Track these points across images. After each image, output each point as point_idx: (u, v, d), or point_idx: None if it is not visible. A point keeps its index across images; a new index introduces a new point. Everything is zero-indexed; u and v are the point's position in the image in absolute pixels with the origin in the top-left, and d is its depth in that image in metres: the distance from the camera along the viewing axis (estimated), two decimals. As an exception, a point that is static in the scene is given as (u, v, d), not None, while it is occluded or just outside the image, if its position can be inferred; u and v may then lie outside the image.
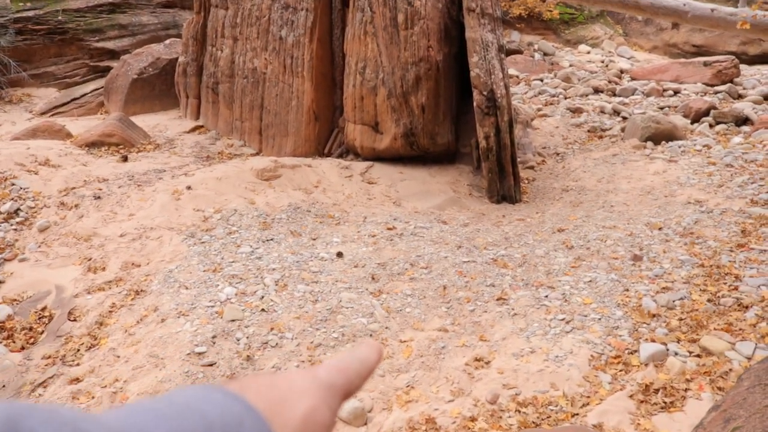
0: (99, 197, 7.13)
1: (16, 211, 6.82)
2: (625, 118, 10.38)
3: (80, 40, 12.01)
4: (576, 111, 10.84)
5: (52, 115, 11.01)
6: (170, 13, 12.54)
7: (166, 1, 12.66)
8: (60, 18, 11.94)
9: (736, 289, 5.03)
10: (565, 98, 11.68)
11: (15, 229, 6.57)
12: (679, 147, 8.85)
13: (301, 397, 0.52)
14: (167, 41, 11.14)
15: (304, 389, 0.53)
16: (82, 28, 12.00)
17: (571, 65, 13.73)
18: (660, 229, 6.26)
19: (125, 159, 8.46)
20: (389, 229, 6.47)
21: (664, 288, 5.13)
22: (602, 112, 10.81)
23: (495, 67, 7.52)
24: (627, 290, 5.13)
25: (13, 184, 7.34)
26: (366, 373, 0.60)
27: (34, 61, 11.96)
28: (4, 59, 11.20)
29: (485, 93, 7.42)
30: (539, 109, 11.07)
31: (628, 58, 14.94)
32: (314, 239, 6.22)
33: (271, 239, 6.14)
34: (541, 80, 12.67)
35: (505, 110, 7.50)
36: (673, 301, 4.90)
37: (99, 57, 12.06)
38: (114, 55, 11.88)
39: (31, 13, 11.87)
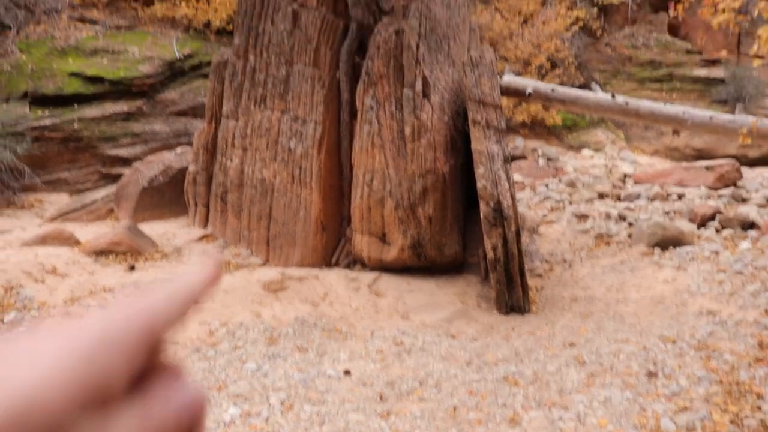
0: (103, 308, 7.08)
1: (20, 322, 6.77)
2: (631, 224, 10.41)
3: (94, 148, 12.28)
4: (582, 217, 10.90)
5: (63, 221, 11.10)
6: (182, 121, 12.86)
7: (178, 110, 13.00)
8: (75, 126, 12.24)
9: (759, 409, 4.87)
10: (571, 204, 11.76)
11: (18, 344, 6.49)
12: (687, 253, 8.83)
13: (17, 374, 0.33)
14: (178, 149, 11.36)
15: (33, 359, 0.34)
16: (97, 136, 12.29)
17: (575, 170, 13.92)
18: (674, 342, 6.14)
19: (132, 268, 8.45)
20: (397, 344, 6.37)
21: (682, 407, 4.98)
22: (608, 217, 10.86)
23: (501, 178, 7.59)
24: (644, 410, 4.97)
25: (18, 293, 7.31)
26: (189, 307, 0.41)
27: (49, 167, 12.19)
28: (19, 166, 11.40)
29: (492, 204, 7.46)
30: (545, 216, 11.13)
31: (631, 162, 15.15)
32: (321, 355, 6.11)
33: (278, 355, 6.04)
34: (546, 186, 12.81)
35: (512, 220, 7.53)
36: (693, 422, 4.74)
37: (111, 164, 12.29)
38: (126, 162, 12.10)
39: (48, 122, 12.19)
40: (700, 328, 6.41)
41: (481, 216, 7.54)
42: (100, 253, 8.82)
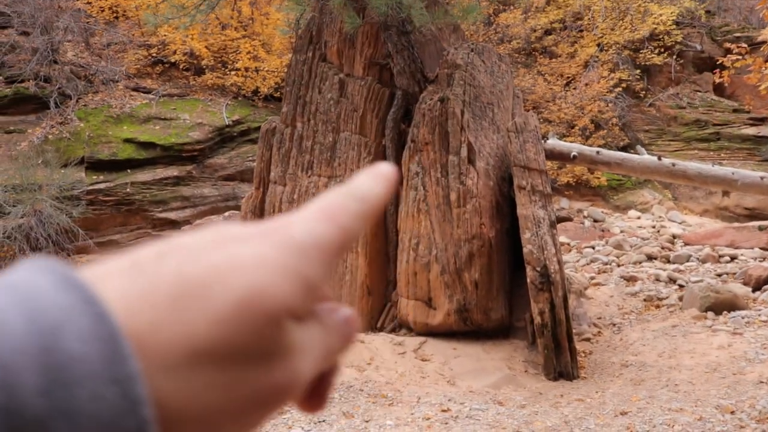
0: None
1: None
2: (681, 287, 10.20)
3: (145, 211, 12.62)
4: (630, 279, 10.73)
5: (113, 282, 11.34)
6: (230, 185, 13.18)
7: (227, 175, 13.33)
8: (128, 190, 12.62)
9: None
10: (618, 266, 11.60)
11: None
12: (743, 318, 8.59)
13: (237, 274, 0.34)
14: (226, 213, 11.61)
15: (249, 260, 0.35)
16: (148, 200, 12.65)
17: (621, 231, 13.76)
18: (732, 413, 5.94)
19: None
20: (444, 411, 6.29)
21: (742, 485, 4.79)
22: (657, 280, 10.67)
23: (547, 243, 7.56)
24: (701, 487, 4.80)
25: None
26: (368, 212, 0.41)
27: (101, 229, 12.54)
28: (73, 228, 11.75)
29: (538, 269, 7.42)
30: (592, 278, 10.99)
31: (680, 223, 14.92)
32: (367, 421, 6.06)
33: (323, 421, 6.02)
34: (593, 248, 12.68)
35: (559, 285, 7.46)
36: (754, 501, 4.55)
37: (161, 227, 12.60)
38: (175, 225, 12.39)
39: (102, 185, 12.60)
40: (760, 398, 6.19)
41: (528, 281, 7.49)
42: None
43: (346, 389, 6.71)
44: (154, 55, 15.43)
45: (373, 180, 0.42)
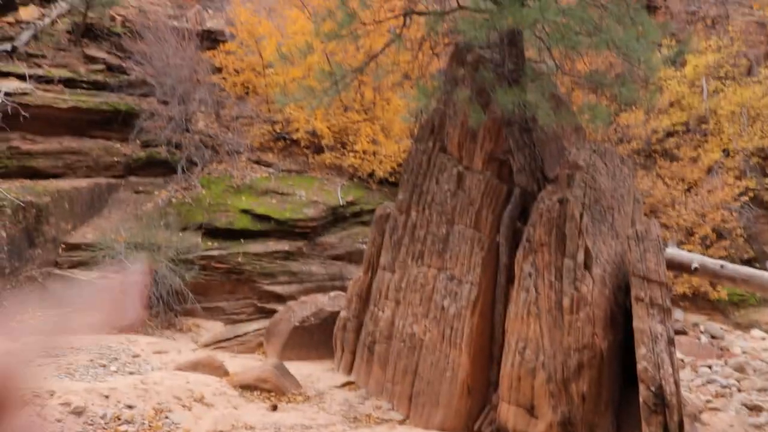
0: None
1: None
2: (812, 423, 9.29)
3: (253, 282, 12.87)
4: (754, 409, 9.88)
5: (215, 348, 11.53)
6: (338, 265, 13.29)
7: (336, 254, 13.48)
8: (240, 259, 12.95)
9: None
10: (740, 391, 10.75)
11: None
12: None
13: None
14: (332, 293, 11.67)
15: None
16: (257, 271, 12.91)
17: (744, 353, 12.83)
18: None
19: (275, 408, 8.52)
20: None
21: None
22: (784, 412, 9.78)
23: (664, 361, 7.12)
24: None
25: (167, 417, 7.54)
26: None
27: (209, 295, 12.84)
28: (184, 291, 12.10)
29: (653, 389, 6.96)
30: (708, 401, 10.21)
31: (809, 348, 13.76)
32: None
33: None
34: (710, 367, 11.85)
35: (674, 409, 6.96)
36: None
37: (267, 299, 12.79)
38: (280, 298, 12.55)
39: (215, 253, 12.99)
40: None
41: (641, 400, 7.03)
42: (246, 387, 9.00)
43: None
44: (278, 131, 16.07)
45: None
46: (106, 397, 7.48)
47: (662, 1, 20.54)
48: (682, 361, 12.27)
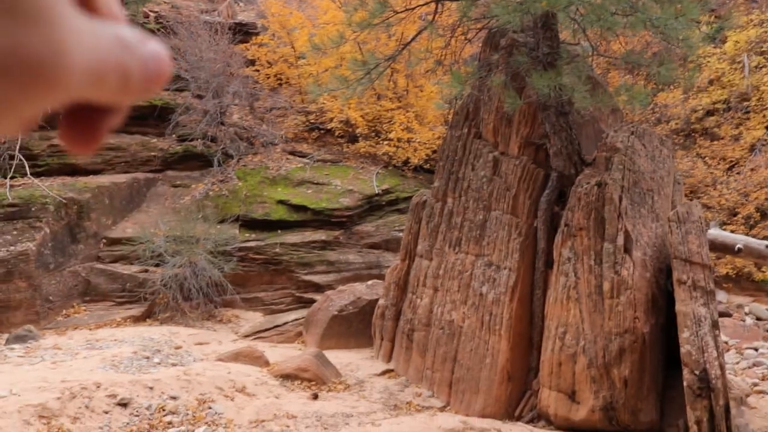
0: None
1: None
2: None
3: (291, 272, 12.98)
4: (801, 391, 9.67)
5: (254, 338, 11.66)
6: (375, 254, 13.32)
7: (372, 243, 13.51)
8: (277, 250, 13.06)
9: None
10: (786, 373, 10.52)
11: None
12: None
13: None
14: (369, 282, 11.70)
15: None
16: (295, 261, 13.01)
17: (790, 334, 12.54)
18: None
19: (315, 397, 8.60)
20: None
21: None
22: (833, 394, 9.55)
23: (708, 345, 6.99)
24: None
25: (210, 408, 7.66)
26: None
27: (248, 286, 12.99)
28: (223, 282, 12.25)
29: (697, 372, 6.85)
30: (755, 384, 10.02)
31: None
32: None
33: None
34: (755, 349, 11.61)
35: (720, 393, 6.83)
36: None
37: (305, 288, 12.89)
38: (318, 288, 12.63)
39: (253, 244, 13.12)
40: None
41: (685, 384, 6.92)
42: (287, 377, 9.08)
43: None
44: (312, 121, 16.13)
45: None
46: (151, 388, 7.63)
47: (699, -24, 20.05)
48: (727, 343, 12.05)
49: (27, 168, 12.44)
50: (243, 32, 17.42)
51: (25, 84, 0.30)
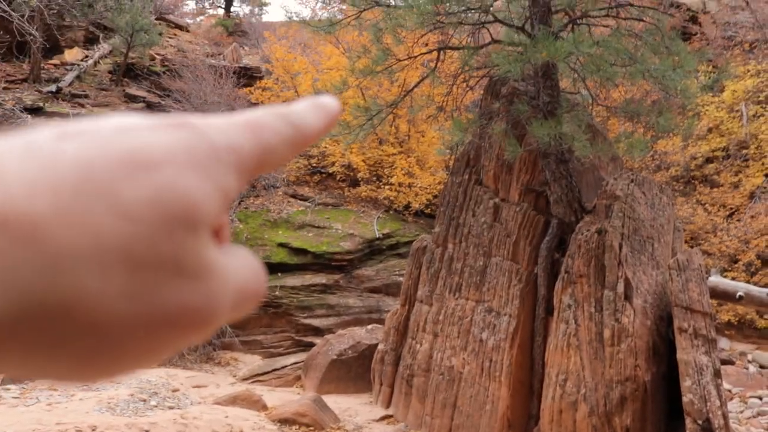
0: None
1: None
2: None
3: (290, 315, 12.95)
4: (805, 442, 9.57)
5: (253, 382, 11.58)
6: (375, 298, 13.32)
7: (372, 287, 13.51)
8: (277, 293, 13.05)
9: None
10: (791, 424, 10.41)
11: None
12: None
13: (148, 165, 0.30)
14: (369, 326, 11.68)
15: (160, 152, 0.31)
16: (294, 305, 12.99)
17: (793, 384, 12.44)
18: None
19: (314, 443, 8.51)
20: None
21: None
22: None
23: (711, 394, 6.94)
24: None
25: (210, 454, 7.56)
26: (298, 141, 0.37)
27: (247, 329, 12.94)
28: (222, 325, 12.21)
29: (700, 422, 6.79)
30: (759, 434, 9.91)
31: None
32: None
33: None
34: (760, 398, 11.52)
35: (723, 443, 6.77)
36: None
37: (304, 332, 12.85)
38: (318, 331, 12.59)
39: (253, 287, 13.12)
40: None
41: (687, 434, 6.86)
42: (285, 421, 9.00)
43: None
44: (314, 165, 16.27)
45: (313, 110, 0.40)
46: (147, 431, 7.55)
47: (698, 27, 20.43)
48: (730, 391, 11.95)
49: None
50: (247, 76, 17.70)
51: (186, 331, 0.32)
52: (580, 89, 8.71)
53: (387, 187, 15.33)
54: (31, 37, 14.85)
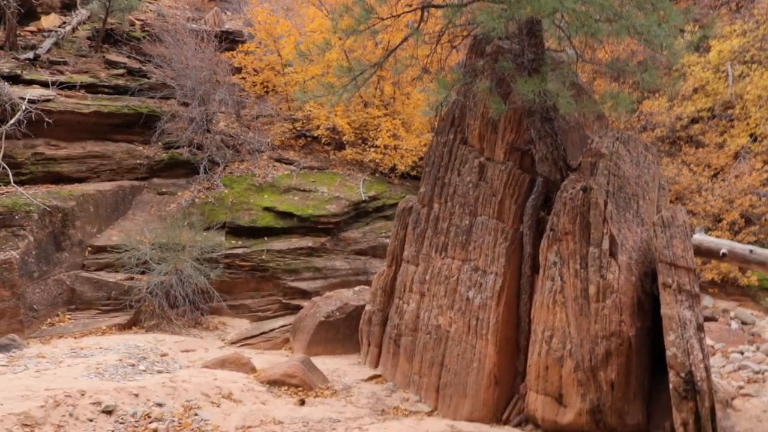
0: (273, 442, 7.18)
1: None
2: None
3: (277, 279, 12.94)
4: (786, 394, 9.73)
5: (241, 345, 11.61)
6: (362, 260, 13.33)
7: (359, 249, 13.52)
8: (263, 257, 13.02)
9: None
10: (771, 377, 10.59)
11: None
12: None
13: None
14: (356, 288, 11.71)
15: None
16: (281, 268, 12.98)
17: (775, 338, 12.63)
18: None
19: (302, 402, 8.57)
20: None
21: None
22: (818, 397, 9.62)
23: (694, 347, 7.03)
24: None
25: (196, 414, 7.61)
26: None
27: (234, 293, 12.94)
28: (210, 289, 12.19)
29: (683, 375, 6.89)
30: (740, 387, 10.08)
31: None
32: None
33: None
34: (741, 353, 11.69)
35: (705, 395, 6.88)
36: None
37: (292, 295, 12.86)
38: (305, 294, 12.61)
39: (240, 251, 13.08)
40: None
41: (671, 387, 6.96)
42: (274, 383, 9.05)
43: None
44: (299, 128, 16.14)
45: None
46: (136, 395, 7.57)
47: (683, -15, 20.28)
48: (713, 347, 12.12)
49: (11, 176, 12.31)
50: (229, 40, 17.43)
51: None
52: (565, 47, 8.64)
53: (372, 149, 15.26)
54: (5, 2, 14.51)
